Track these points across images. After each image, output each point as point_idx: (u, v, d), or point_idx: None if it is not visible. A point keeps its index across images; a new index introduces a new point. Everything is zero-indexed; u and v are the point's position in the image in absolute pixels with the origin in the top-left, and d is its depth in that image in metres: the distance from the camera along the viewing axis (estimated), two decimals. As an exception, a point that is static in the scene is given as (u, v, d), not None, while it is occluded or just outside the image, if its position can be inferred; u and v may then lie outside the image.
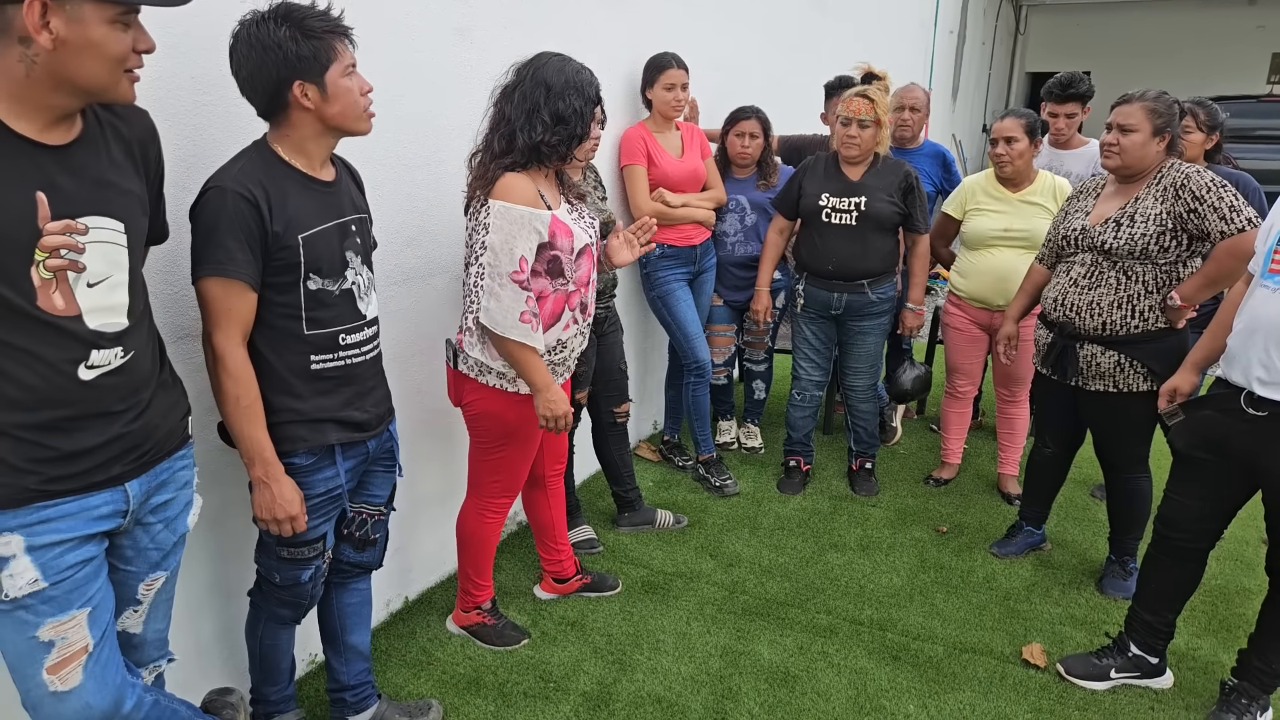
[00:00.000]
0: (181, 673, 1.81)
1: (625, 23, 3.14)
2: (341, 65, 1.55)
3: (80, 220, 1.22)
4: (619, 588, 2.68)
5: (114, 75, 1.20)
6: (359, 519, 1.87)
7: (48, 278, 1.19)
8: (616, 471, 3.04)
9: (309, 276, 1.59)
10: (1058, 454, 2.76)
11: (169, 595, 1.53)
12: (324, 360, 1.65)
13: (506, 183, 1.92)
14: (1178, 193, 2.25)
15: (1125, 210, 2.34)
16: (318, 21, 1.51)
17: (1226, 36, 13.42)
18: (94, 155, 1.26)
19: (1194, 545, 2.14)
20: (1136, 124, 2.29)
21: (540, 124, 1.92)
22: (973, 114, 11.88)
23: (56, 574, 1.26)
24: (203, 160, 1.69)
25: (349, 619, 1.98)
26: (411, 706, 2.11)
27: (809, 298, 3.16)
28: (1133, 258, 2.31)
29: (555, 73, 1.93)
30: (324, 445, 1.67)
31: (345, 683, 2.02)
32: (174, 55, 1.63)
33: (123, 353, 1.30)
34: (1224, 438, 1.98)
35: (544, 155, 1.96)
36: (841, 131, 2.95)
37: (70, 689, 1.29)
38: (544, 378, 2.02)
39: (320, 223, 1.61)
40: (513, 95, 1.95)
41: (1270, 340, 1.83)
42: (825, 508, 3.27)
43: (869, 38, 6.19)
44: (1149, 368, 2.36)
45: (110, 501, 1.32)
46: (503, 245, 1.91)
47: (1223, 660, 2.39)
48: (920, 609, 2.63)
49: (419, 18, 2.20)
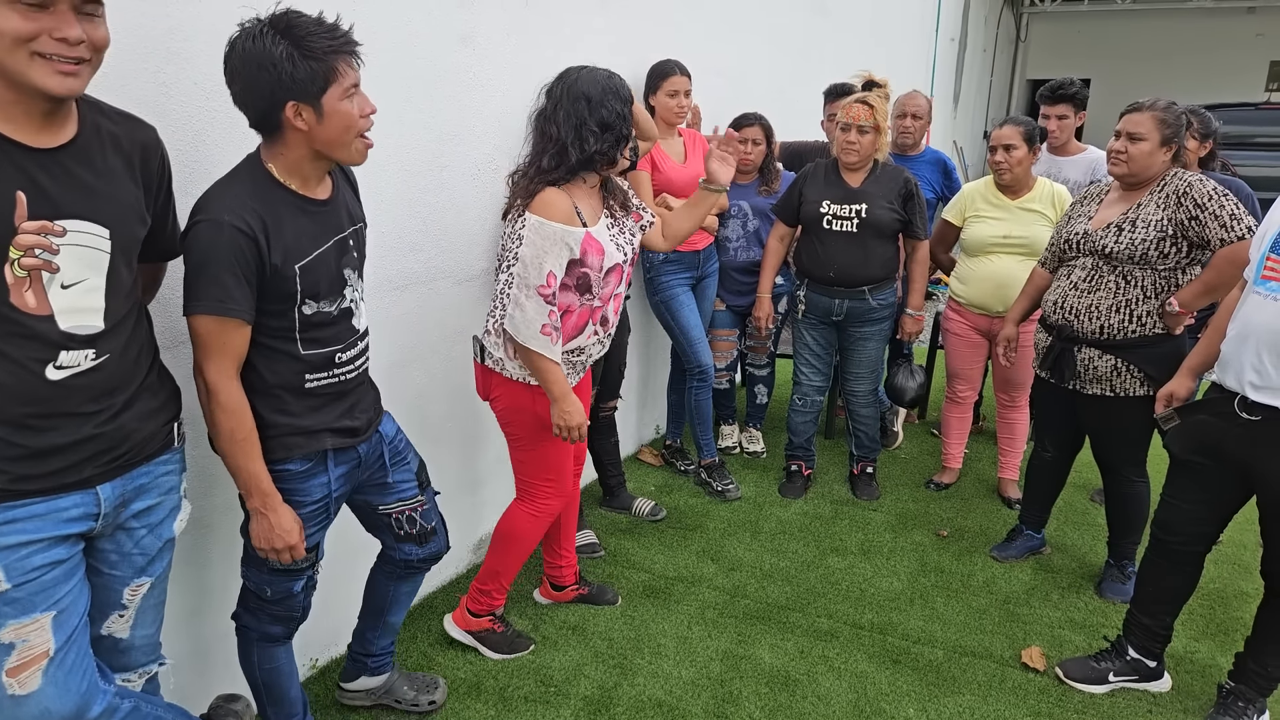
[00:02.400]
0: (180, 677, 1.81)
1: (627, 29, 3.16)
2: (342, 87, 1.45)
3: (60, 223, 1.22)
4: (618, 602, 2.66)
5: (15, 57, 1.13)
6: (405, 517, 1.88)
7: (21, 276, 1.19)
8: (600, 459, 3.17)
9: (304, 302, 1.55)
10: (1057, 457, 2.78)
11: (158, 600, 1.52)
12: (318, 379, 1.63)
13: (545, 198, 1.97)
14: (1180, 200, 2.27)
15: (1127, 216, 2.36)
16: (321, 40, 1.42)
17: (1226, 44, 13.48)
18: (85, 161, 1.27)
19: (1190, 549, 2.15)
20: (1146, 133, 2.30)
21: (591, 135, 1.97)
22: (974, 121, 11.91)
23: (21, 575, 1.24)
24: (204, 166, 1.71)
25: (399, 602, 2.05)
26: (420, 680, 2.20)
27: (810, 304, 3.18)
28: (1133, 263, 2.33)
29: (591, 84, 1.98)
30: (318, 450, 1.65)
31: (371, 650, 2.10)
32: (176, 61, 1.65)
33: (95, 355, 1.29)
34: (1219, 442, 2.00)
35: (597, 163, 2.01)
36: (841, 137, 2.98)
37: (28, 693, 1.26)
38: (562, 388, 2.05)
39: (317, 246, 1.57)
40: (555, 116, 1.99)
41: (1263, 345, 1.85)
42: (827, 512, 3.29)
43: (871, 45, 6.22)
44: (1145, 372, 2.38)
45: (81, 504, 1.31)
46: (533, 259, 1.96)
47: (1220, 663, 2.40)
48: (921, 613, 2.64)
49: (422, 24, 2.23)
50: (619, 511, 3.23)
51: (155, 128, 1.42)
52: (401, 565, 1.97)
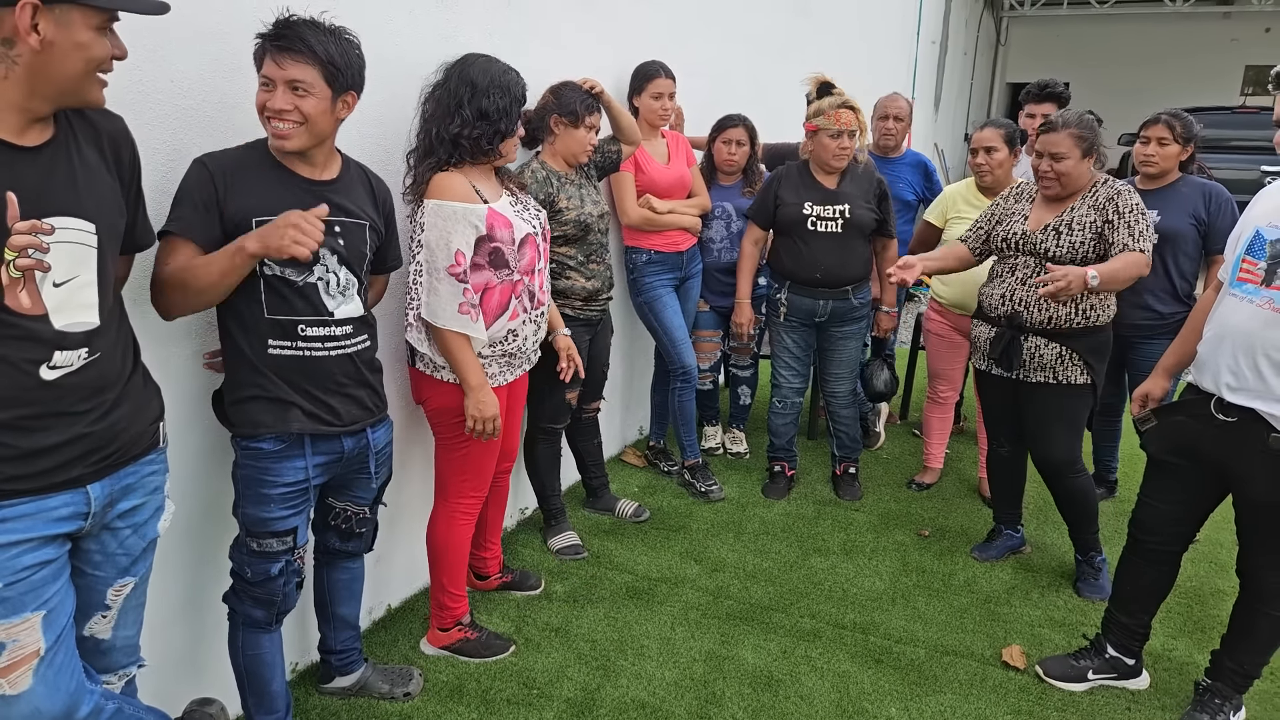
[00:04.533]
0: (158, 680, 1.80)
1: (609, 30, 3.16)
2: (259, 75, 1.59)
3: (47, 220, 1.23)
4: (540, 587, 2.70)
5: (90, 78, 1.25)
6: (344, 514, 1.93)
7: (16, 277, 1.20)
8: (583, 460, 3.18)
9: (264, 262, 1.61)
10: (1014, 451, 2.82)
11: (139, 601, 1.52)
12: (280, 347, 1.68)
13: (438, 182, 2.00)
14: (1105, 205, 2.41)
15: (1063, 219, 2.47)
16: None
17: (1201, 49, 13.69)
18: (64, 157, 1.29)
19: (1167, 548, 2.18)
20: (1066, 150, 2.42)
21: (460, 119, 1.99)
22: (955, 123, 12.01)
23: (11, 575, 1.25)
24: (182, 164, 1.69)
25: (338, 593, 2.09)
26: (394, 673, 2.24)
27: (792, 306, 3.19)
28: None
29: (481, 72, 2.01)
30: (288, 432, 1.69)
31: (333, 647, 2.14)
32: (153, 59, 1.63)
33: (88, 354, 1.30)
34: (1195, 443, 2.02)
35: (462, 149, 2.02)
36: (833, 144, 2.98)
37: (19, 693, 1.27)
38: (477, 377, 2.06)
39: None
40: (434, 93, 2.03)
41: (1239, 347, 1.87)
42: (809, 512, 3.30)
43: (852, 48, 6.26)
44: (1086, 360, 2.48)
45: (70, 503, 1.31)
46: (438, 241, 1.99)
47: (1197, 661, 2.43)
48: (902, 612, 2.65)
49: (403, 23, 2.21)
50: (602, 513, 3.23)
51: (123, 118, 1.42)
52: (321, 550, 2.02)
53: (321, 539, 2.00)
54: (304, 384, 1.71)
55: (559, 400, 2.77)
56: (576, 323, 2.73)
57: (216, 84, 1.76)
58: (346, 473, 1.87)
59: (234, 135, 1.73)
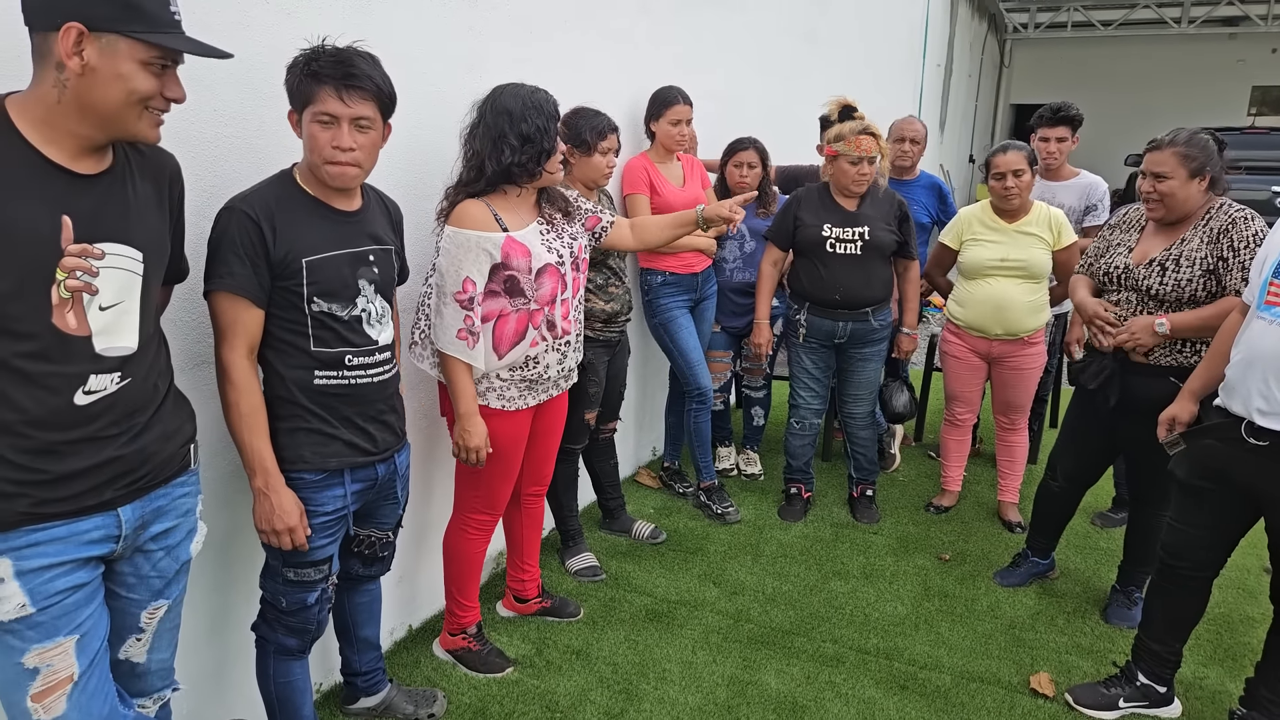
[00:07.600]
0: (191, 702, 1.79)
1: (627, 56, 3.19)
2: (313, 110, 1.58)
3: (98, 245, 1.26)
4: (579, 615, 2.68)
5: (133, 110, 1.24)
6: (368, 540, 1.94)
7: (66, 297, 1.23)
8: (599, 481, 3.18)
9: (313, 299, 1.63)
10: (1066, 489, 2.75)
11: (174, 624, 1.52)
12: (328, 377, 1.69)
13: (461, 210, 2.03)
14: (1219, 238, 2.25)
15: (1170, 253, 2.31)
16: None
17: (1208, 69, 13.76)
18: (120, 186, 1.31)
19: (1199, 574, 2.16)
20: (1169, 170, 2.27)
21: (508, 148, 2.01)
22: (960, 145, 12.07)
23: (45, 599, 1.26)
24: (222, 191, 1.71)
25: (359, 616, 2.10)
26: (418, 695, 2.24)
27: (812, 327, 3.19)
28: (1180, 303, 2.29)
29: (513, 98, 2.03)
30: (326, 469, 1.71)
31: (358, 669, 2.15)
32: (197, 89, 1.64)
33: (120, 378, 1.31)
34: (1225, 467, 2.00)
35: (515, 176, 2.04)
36: (852, 170, 2.98)
37: (53, 718, 1.28)
38: (467, 405, 2.08)
39: (330, 249, 1.65)
40: (477, 129, 2.05)
41: (1269, 371, 1.86)
42: (827, 535, 3.28)
43: (859, 72, 6.30)
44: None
45: (102, 526, 1.32)
46: (449, 267, 2.02)
47: (1229, 689, 2.39)
48: (926, 638, 2.62)
49: (430, 51, 2.24)
50: (619, 534, 3.21)
51: (175, 156, 1.46)
52: (342, 576, 2.01)
53: (344, 565, 1.99)
54: (347, 412, 1.73)
55: (577, 420, 2.76)
56: (596, 343, 2.74)
57: (256, 112, 1.79)
58: (375, 499, 1.88)
59: (274, 162, 1.75)
